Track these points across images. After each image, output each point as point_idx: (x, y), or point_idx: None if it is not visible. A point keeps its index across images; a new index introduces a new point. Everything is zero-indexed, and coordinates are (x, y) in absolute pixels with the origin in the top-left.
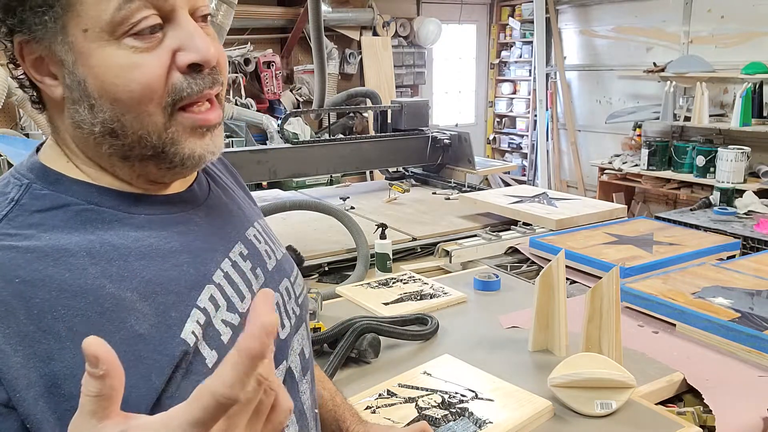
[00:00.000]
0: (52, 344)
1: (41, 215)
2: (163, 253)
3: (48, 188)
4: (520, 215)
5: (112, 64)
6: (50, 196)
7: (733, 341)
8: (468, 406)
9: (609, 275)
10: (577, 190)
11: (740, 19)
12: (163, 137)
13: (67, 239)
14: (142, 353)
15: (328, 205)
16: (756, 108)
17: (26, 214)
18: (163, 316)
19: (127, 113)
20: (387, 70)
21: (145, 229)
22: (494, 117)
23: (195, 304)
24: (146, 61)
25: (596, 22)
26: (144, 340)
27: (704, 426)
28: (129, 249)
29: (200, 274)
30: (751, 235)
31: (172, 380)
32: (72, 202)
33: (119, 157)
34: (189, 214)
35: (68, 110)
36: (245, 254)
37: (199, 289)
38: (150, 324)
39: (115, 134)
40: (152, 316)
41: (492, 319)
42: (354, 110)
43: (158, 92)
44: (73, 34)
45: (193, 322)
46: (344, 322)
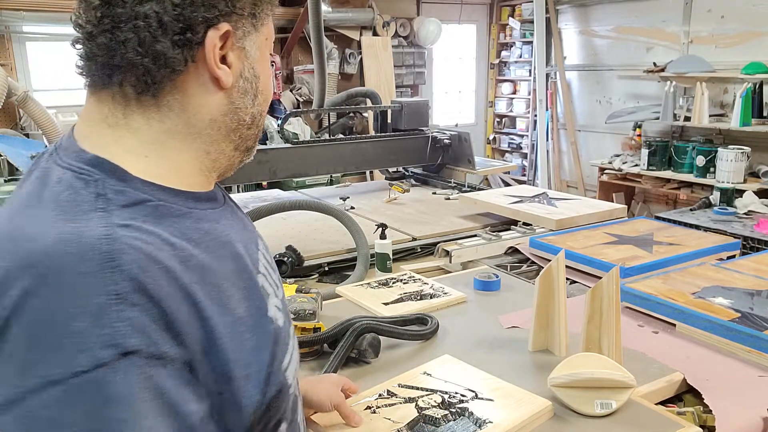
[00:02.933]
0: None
1: (128, 210)
2: (226, 244)
3: (121, 184)
4: (520, 215)
5: (269, 70)
6: (127, 193)
7: (733, 341)
8: (468, 406)
9: (609, 275)
10: (577, 190)
11: (740, 19)
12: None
13: (163, 231)
14: (245, 334)
15: (328, 205)
16: (756, 108)
17: (118, 209)
18: (250, 299)
19: (264, 111)
20: (387, 70)
21: (204, 221)
22: (494, 117)
23: (262, 288)
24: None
25: (596, 22)
26: (244, 322)
27: (704, 426)
28: (206, 241)
29: (252, 262)
30: (751, 235)
31: (275, 355)
32: (144, 198)
33: (233, 147)
34: (221, 210)
35: (229, 98)
36: (266, 247)
37: (258, 275)
38: (244, 307)
39: (253, 125)
40: (243, 300)
41: (492, 319)
42: (354, 110)
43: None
44: (262, 37)
45: (270, 304)
46: (344, 322)
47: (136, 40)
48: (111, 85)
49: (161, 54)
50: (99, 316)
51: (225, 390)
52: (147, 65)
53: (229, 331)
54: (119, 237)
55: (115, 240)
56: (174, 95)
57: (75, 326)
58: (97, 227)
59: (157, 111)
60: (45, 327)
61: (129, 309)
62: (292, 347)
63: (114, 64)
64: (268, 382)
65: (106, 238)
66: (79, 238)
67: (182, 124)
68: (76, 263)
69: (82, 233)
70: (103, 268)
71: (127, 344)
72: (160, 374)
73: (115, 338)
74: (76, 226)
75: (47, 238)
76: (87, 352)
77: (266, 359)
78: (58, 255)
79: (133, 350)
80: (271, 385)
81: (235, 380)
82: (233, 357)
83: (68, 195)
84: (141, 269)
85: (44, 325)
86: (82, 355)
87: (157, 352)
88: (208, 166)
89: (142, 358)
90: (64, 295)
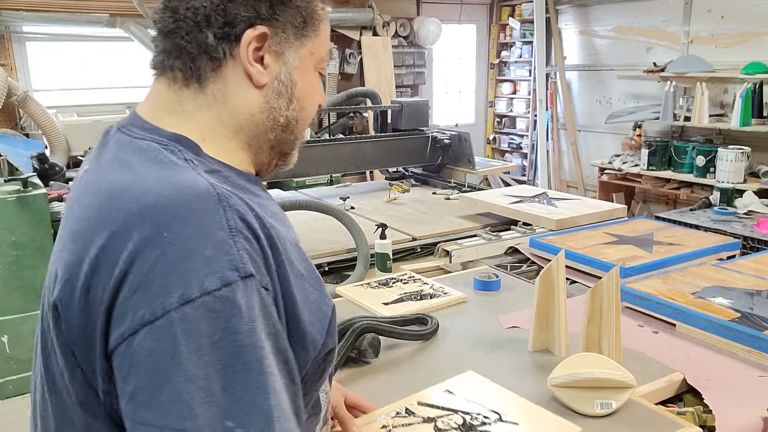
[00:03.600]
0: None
1: (210, 175)
2: (281, 217)
3: (197, 158)
4: (520, 215)
5: (315, 85)
6: (204, 162)
7: (733, 341)
8: (490, 429)
9: (609, 275)
10: (577, 190)
11: (740, 19)
12: (298, 144)
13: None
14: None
15: (328, 205)
16: (756, 108)
17: (203, 173)
18: (306, 262)
19: (303, 120)
20: (387, 70)
21: (262, 199)
22: (494, 117)
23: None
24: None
25: (596, 22)
26: (305, 279)
27: (704, 426)
28: (268, 208)
29: (294, 234)
30: (751, 235)
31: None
32: (217, 169)
33: (270, 145)
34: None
35: (265, 96)
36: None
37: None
38: (304, 267)
39: (288, 129)
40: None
41: (492, 319)
42: (354, 110)
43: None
44: (305, 49)
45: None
46: (344, 322)
47: (185, 28)
48: (166, 71)
49: (203, 43)
50: (223, 245)
51: (294, 330)
52: (191, 51)
53: (295, 282)
54: (218, 186)
55: (218, 188)
56: (217, 85)
57: (206, 253)
58: (200, 178)
59: (205, 99)
60: (178, 256)
61: (244, 241)
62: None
63: (168, 50)
64: (329, 332)
65: (213, 186)
66: (194, 185)
67: (227, 114)
68: (197, 203)
69: (194, 182)
70: (219, 208)
71: (248, 269)
72: (267, 300)
73: (237, 263)
74: (186, 177)
75: (162, 188)
76: (216, 274)
77: (327, 313)
78: (179, 199)
79: (252, 274)
80: (329, 336)
81: (303, 323)
82: (302, 304)
83: (162, 157)
84: (244, 212)
85: (177, 255)
86: (212, 276)
87: (264, 282)
88: (250, 159)
89: (258, 283)
90: (192, 230)
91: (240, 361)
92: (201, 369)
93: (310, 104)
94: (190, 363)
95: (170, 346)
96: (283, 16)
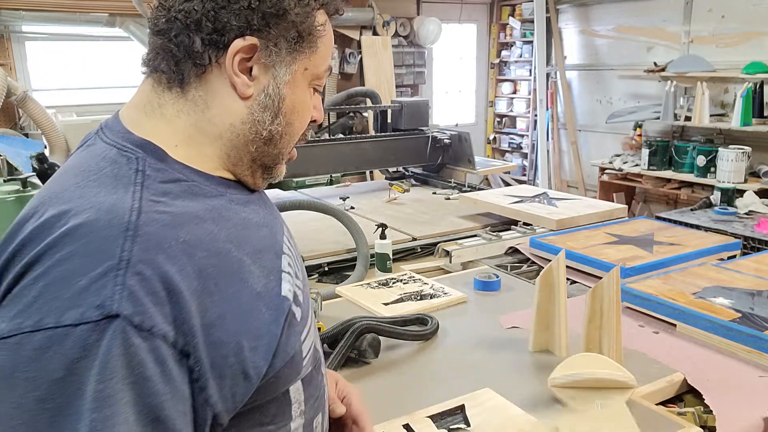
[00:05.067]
0: (207, 297)
1: (165, 186)
2: (254, 225)
3: (159, 164)
4: (520, 215)
5: (306, 101)
6: (165, 171)
7: (733, 341)
8: None
9: (609, 275)
10: (577, 190)
11: (741, 18)
12: (284, 159)
13: (193, 206)
14: (263, 308)
15: (328, 205)
16: (756, 108)
17: (156, 184)
18: (268, 278)
19: (288, 135)
20: (387, 69)
21: (234, 204)
22: (494, 117)
23: (281, 269)
24: (310, 101)
25: (597, 21)
26: (262, 297)
27: (705, 426)
28: (234, 220)
29: (278, 244)
30: (751, 235)
31: (284, 330)
32: (180, 178)
33: (251, 158)
34: (251, 198)
35: (250, 108)
36: (290, 236)
37: (280, 256)
38: (262, 284)
39: (271, 143)
40: (262, 277)
41: (492, 320)
42: (354, 110)
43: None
44: (298, 65)
45: (286, 283)
46: (344, 322)
47: (174, 30)
48: (151, 72)
49: (190, 47)
50: (99, 278)
51: (232, 359)
52: (177, 54)
53: (244, 305)
54: (147, 210)
55: (142, 213)
56: (199, 91)
57: (78, 284)
58: (129, 200)
59: (185, 104)
60: (56, 279)
61: (131, 277)
62: (310, 322)
63: (156, 49)
64: (277, 354)
65: (135, 210)
66: (111, 208)
67: (206, 122)
68: (101, 228)
69: (114, 204)
70: (121, 236)
71: (116, 308)
72: (142, 345)
73: (105, 300)
74: (112, 198)
75: (85, 205)
76: (78, 308)
77: (277, 333)
78: (89, 220)
79: (119, 315)
80: (278, 357)
81: (243, 351)
82: (245, 328)
83: (110, 170)
84: (158, 243)
85: (55, 277)
86: (73, 310)
87: (148, 325)
88: (229, 167)
89: (130, 325)
90: (80, 255)
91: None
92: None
93: (299, 120)
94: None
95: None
96: (275, 29)
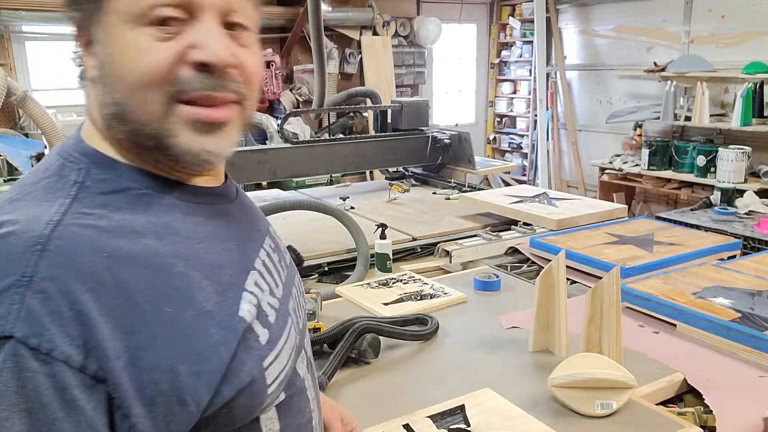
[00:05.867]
0: (136, 317)
1: (106, 197)
2: (217, 238)
3: (106, 173)
4: (520, 215)
5: (131, 46)
6: (110, 181)
7: (733, 341)
8: None
9: (609, 275)
10: (577, 190)
11: (741, 18)
12: (161, 127)
13: (135, 220)
14: (211, 329)
15: (328, 205)
16: (756, 108)
17: (93, 195)
18: (223, 295)
19: (132, 97)
20: (387, 69)
21: (197, 216)
22: (494, 117)
23: (244, 287)
24: (158, 48)
25: (597, 21)
26: (212, 316)
27: (705, 426)
28: (189, 232)
29: (246, 260)
30: (751, 235)
31: (237, 354)
32: (131, 186)
33: (130, 142)
34: (227, 207)
35: (94, 89)
36: (273, 247)
37: (246, 273)
38: (214, 302)
39: (121, 118)
40: (215, 295)
41: (492, 320)
42: (354, 110)
43: (162, 80)
44: (108, 15)
45: (246, 302)
46: (344, 322)
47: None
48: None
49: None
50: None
51: (165, 385)
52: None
53: (185, 325)
54: (68, 224)
55: (60, 226)
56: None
57: None
58: (50, 213)
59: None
60: None
61: (31, 295)
62: (284, 345)
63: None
64: (226, 381)
65: (51, 224)
66: (30, 220)
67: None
68: (14, 243)
69: (34, 217)
70: (28, 251)
71: (9, 329)
72: (39, 369)
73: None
74: (36, 211)
75: (15, 218)
76: None
77: (226, 357)
78: (9, 234)
79: (12, 336)
80: (228, 384)
81: (180, 376)
82: (183, 351)
83: (49, 182)
84: (70, 258)
85: None
86: None
87: (46, 347)
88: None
89: (25, 347)
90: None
91: None
92: None
93: (133, 68)
94: None
95: None
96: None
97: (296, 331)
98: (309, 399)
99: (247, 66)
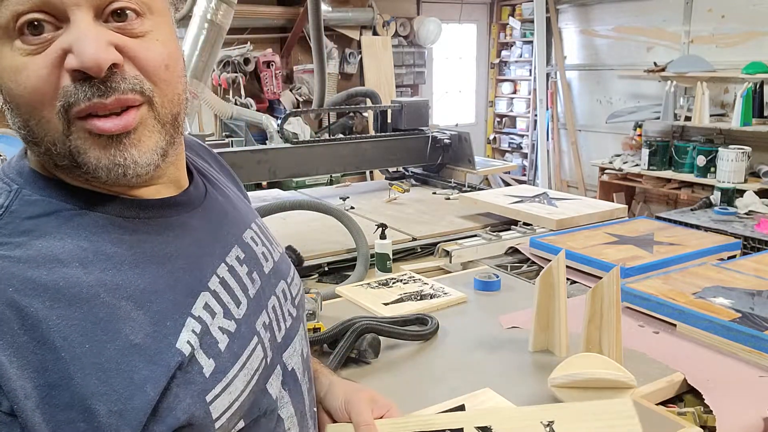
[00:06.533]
0: (47, 355)
1: (33, 222)
2: (158, 259)
3: (38, 194)
4: (520, 215)
5: (6, 67)
6: (41, 202)
7: (733, 341)
8: None
9: (609, 275)
10: (577, 190)
11: (741, 18)
12: (66, 145)
13: (60, 247)
14: (137, 364)
15: (328, 205)
16: (757, 108)
17: (17, 221)
18: (159, 325)
19: (30, 119)
20: (387, 69)
21: (140, 233)
22: (494, 117)
23: (190, 313)
24: (31, 63)
25: (597, 21)
26: (139, 350)
27: (705, 426)
28: (123, 256)
29: (196, 280)
30: (751, 235)
31: (169, 390)
32: (63, 207)
33: (49, 163)
34: (185, 217)
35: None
36: (242, 258)
37: (195, 296)
38: (145, 333)
39: (32, 141)
40: (148, 325)
41: (492, 320)
42: (354, 110)
43: (47, 96)
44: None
45: (188, 332)
46: (344, 322)
47: None
48: None
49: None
50: None
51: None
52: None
53: (107, 361)
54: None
55: None
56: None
57: None
58: None
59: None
60: None
61: None
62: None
63: None
64: (157, 419)
65: None
66: None
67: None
68: None
69: None
70: None
71: None
72: None
73: None
74: None
75: None
76: None
77: (153, 395)
78: None
79: None
80: (162, 422)
81: (98, 415)
82: (103, 389)
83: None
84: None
85: None
86: None
87: None
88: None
89: None
90: None
91: None
92: None
93: (17, 89)
94: None
95: None
96: None
97: (267, 349)
98: (283, 418)
99: (141, 58)
